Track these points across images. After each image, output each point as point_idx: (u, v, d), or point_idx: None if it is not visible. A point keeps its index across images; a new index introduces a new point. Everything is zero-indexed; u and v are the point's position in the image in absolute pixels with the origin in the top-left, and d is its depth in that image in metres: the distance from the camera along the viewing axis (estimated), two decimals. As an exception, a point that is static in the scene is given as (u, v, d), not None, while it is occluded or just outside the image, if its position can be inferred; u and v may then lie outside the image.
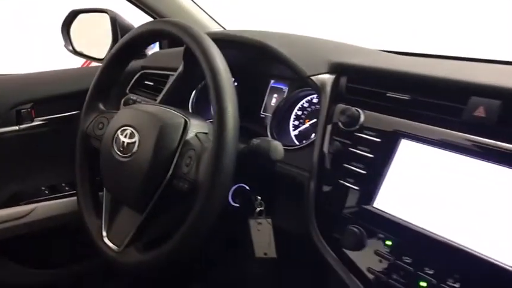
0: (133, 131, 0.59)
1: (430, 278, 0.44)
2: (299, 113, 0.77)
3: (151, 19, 0.95)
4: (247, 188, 0.68)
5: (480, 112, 0.47)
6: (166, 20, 0.63)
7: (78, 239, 0.71)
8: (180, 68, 0.84)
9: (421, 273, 0.45)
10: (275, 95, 0.82)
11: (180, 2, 0.98)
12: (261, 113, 0.83)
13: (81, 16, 1.16)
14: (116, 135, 0.61)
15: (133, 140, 0.58)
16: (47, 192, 0.91)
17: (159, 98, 0.84)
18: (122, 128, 0.60)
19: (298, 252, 0.64)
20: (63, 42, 1.08)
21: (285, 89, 0.80)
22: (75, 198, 0.68)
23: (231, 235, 0.86)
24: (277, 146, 0.55)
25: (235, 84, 0.88)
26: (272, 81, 0.83)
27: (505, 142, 0.45)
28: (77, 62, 1.31)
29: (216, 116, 0.50)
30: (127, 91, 0.98)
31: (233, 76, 0.89)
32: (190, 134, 0.57)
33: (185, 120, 0.58)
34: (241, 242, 0.71)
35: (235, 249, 0.83)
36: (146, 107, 0.63)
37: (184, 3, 0.99)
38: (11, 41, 2.29)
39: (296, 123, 0.77)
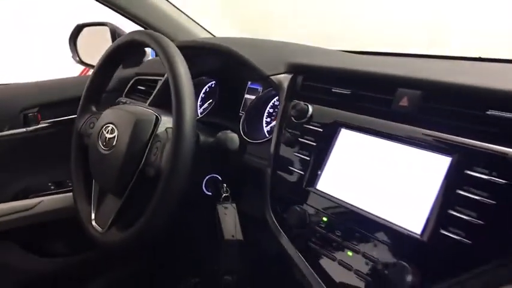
0: (114, 127, 0.67)
1: (356, 248, 0.51)
2: (271, 110, 0.84)
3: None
4: (219, 178, 0.76)
5: (404, 102, 0.54)
6: (141, 31, 0.72)
7: (80, 231, 0.80)
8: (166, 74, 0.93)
9: (349, 244, 0.51)
10: (252, 96, 0.90)
11: (170, 13, 1.06)
12: (240, 111, 0.91)
13: (85, 29, 1.28)
14: (100, 132, 0.70)
15: (113, 135, 0.67)
16: (52, 187, 1.02)
17: (148, 101, 0.92)
18: (105, 125, 0.69)
19: (261, 234, 0.71)
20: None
21: (260, 89, 0.88)
22: None
23: (206, 220, 0.93)
24: (233, 138, 0.62)
25: (215, 85, 0.96)
26: (249, 82, 0.91)
27: (424, 128, 0.51)
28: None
29: (175, 113, 0.57)
30: (123, 96, 1.08)
31: (213, 79, 0.98)
32: (161, 129, 0.65)
33: (157, 116, 0.66)
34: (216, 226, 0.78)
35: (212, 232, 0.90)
36: (126, 107, 0.72)
37: (174, 14, 1.08)
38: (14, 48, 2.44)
39: (268, 120, 0.84)
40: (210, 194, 0.76)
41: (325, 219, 0.55)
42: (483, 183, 0.42)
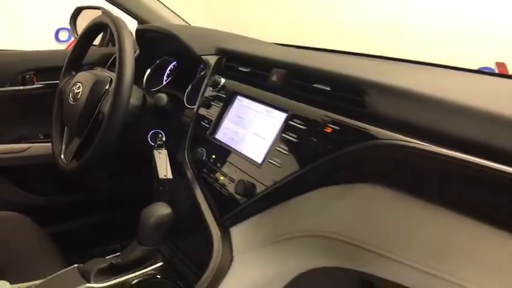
0: (80, 84, 0.90)
1: (226, 174, 0.73)
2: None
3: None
4: (161, 132, 0.98)
5: (275, 78, 0.75)
6: (104, 15, 0.94)
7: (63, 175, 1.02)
8: (137, 51, 1.16)
9: (223, 172, 0.74)
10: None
11: (149, 4, 1.28)
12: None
13: (83, 11, 1.52)
14: (72, 88, 0.93)
15: (79, 91, 0.90)
16: (42, 137, 1.25)
17: (107, 65, 1.14)
18: (75, 83, 0.92)
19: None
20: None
21: (205, 68, 1.09)
22: None
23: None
24: (161, 97, 0.85)
25: (176, 64, 1.18)
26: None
27: (282, 96, 0.72)
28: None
29: (116, 75, 0.80)
30: (106, 68, 1.31)
31: (174, 59, 1.19)
32: (112, 87, 0.88)
33: (111, 78, 0.89)
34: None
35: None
36: (92, 71, 0.95)
37: (153, 5, 1.30)
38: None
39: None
40: (153, 144, 0.98)
41: (214, 156, 0.77)
42: (296, 129, 0.64)
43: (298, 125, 0.64)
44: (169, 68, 1.23)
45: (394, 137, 0.52)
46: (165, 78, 1.22)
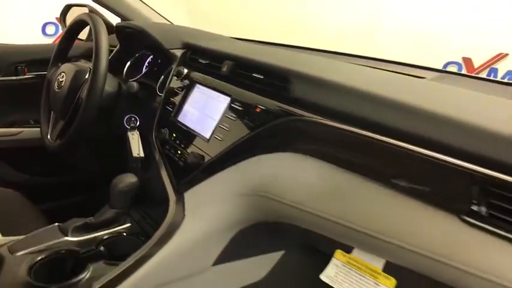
0: (64, 74, 1.04)
1: (183, 149, 0.87)
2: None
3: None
4: (136, 116, 1.12)
5: (225, 68, 0.89)
6: (85, 13, 1.08)
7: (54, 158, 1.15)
8: (118, 46, 1.29)
9: (180, 147, 0.88)
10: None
11: (132, 3, 1.42)
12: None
13: (72, 8, 1.65)
14: (57, 77, 1.06)
15: (63, 79, 1.04)
16: (32, 123, 1.39)
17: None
18: (60, 73, 1.06)
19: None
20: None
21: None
22: None
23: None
24: (132, 85, 0.99)
25: (152, 58, 1.31)
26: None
27: (229, 83, 0.86)
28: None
29: (93, 67, 0.93)
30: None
31: (150, 53, 1.32)
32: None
33: (90, 69, 1.02)
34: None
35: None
36: (74, 63, 1.08)
37: (135, 4, 1.43)
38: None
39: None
40: (128, 127, 1.12)
41: (174, 135, 0.92)
42: (235, 110, 0.78)
43: (237, 107, 0.78)
44: (147, 60, 1.36)
45: (305, 115, 0.67)
46: (143, 69, 1.36)
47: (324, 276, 0.63)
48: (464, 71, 2.70)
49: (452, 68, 2.70)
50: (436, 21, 2.48)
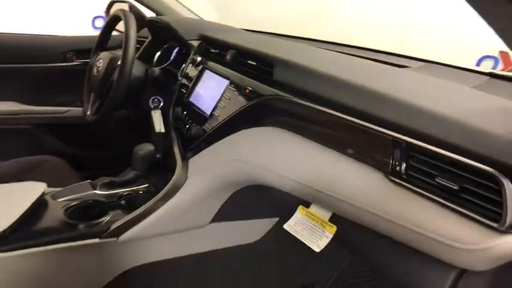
0: (101, 60, 1.24)
1: (189, 124, 1.04)
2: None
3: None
4: (160, 98, 1.30)
5: (228, 56, 1.04)
6: (120, 9, 1.27)
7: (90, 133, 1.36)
8: (149, 37, 1.49)
9: (188, 123, 1.04)
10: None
11: (165, 1, 1.61)
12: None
13: (116, 4, 1.87)
14: (96, 63, 1.27)
15: (100, 65, 1.24)
16: (78, 103, 1.63)
17: (137, 54, 1.49)
18: (98, 59, 1.26)
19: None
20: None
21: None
22: None
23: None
24: (154, 70, 1.17)
25: (178, 49, 1.49)
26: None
27: (230, 69, 1.01)
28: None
29: (122, 55, 1.12)
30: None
31: (177, 45, 1.50)
32: (122, 62, 1.21)
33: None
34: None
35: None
36: (111, 51, 1.28)
37: (168, 1, 1.62)
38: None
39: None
40: (152, 107, 1.31)
41: (185, 112, 1.09)
42: (230, 91, 0.93)
43: (232, 88, 0.94)
44: (174, 51, 1.55)
45: (282, 95, 0.81)
46: (170, 58, 1.55)
47: (286, 225, 0.77)
48: (500, 66, 2.64)
49: (489, 63, 2.65)
50: (472, 14, 2.46)
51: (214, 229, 1.04)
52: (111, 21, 1.33)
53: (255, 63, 0.93)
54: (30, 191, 0.92)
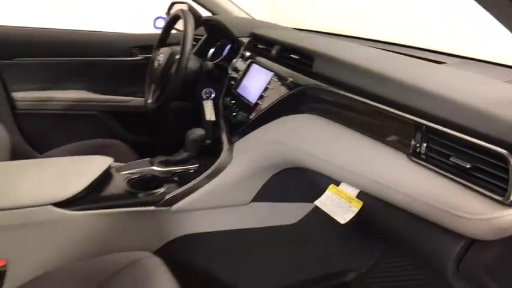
0: (162, 55, 1.39)
1: (236, 111, 1.15)
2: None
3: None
4: (212, 89, 1.43)
5: (274, 51, 1.14)
6: (180, 9, 1.41)
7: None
8: (205, 35, 1.63)
9: (235, 110, 1.16)
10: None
11: (220, 2, 1.74)
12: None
13: (175, 5, 2.04)
14: (157, 57, 1.42)
15: (160, 59, 1.39)
16: (141, 94, 1.80)
17: (194, 50, 1.63)
18: (159, 54, 1.42)
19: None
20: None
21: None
22: None
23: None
24: (207, 64, 1.29)
25: (230, 45, 1.61)
26: (247, 44, 1.55)
27: (275, 62, 1.11)
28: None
29: (180, 51, 1.25)
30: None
31: (229, 42, 1.63)
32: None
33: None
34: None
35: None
36: (171, 47, 1.43)
37: (222, 2, 1.75)
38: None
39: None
40: (204, 97, 1.44)
41: (233, 101, 1.20)
42: (273, 82, 1.03)
43: (275, 80, 1.04)
44: (227, 47, 1.68)
45: (319, 85, 0.89)
46: (223, 54, 1.68)
47: (317, 202, 0.85)
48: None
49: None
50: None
51: (254, 208, 1.14)
52: (172, 20, 1.48)
53: (297, 57, 1.02)
54: (99, 163, 1.07)
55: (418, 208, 0.65)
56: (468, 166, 0.59)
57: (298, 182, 1.11)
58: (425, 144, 0.67)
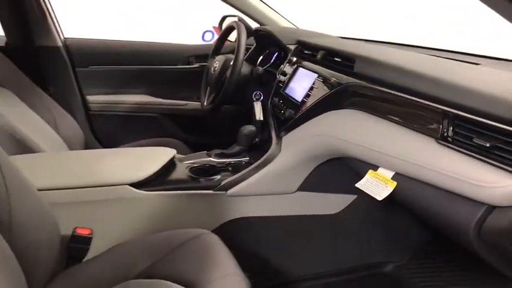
0: (217, 62, 1.57)
1: (284, 109, 1.29)
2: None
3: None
4: (261, 92, 1.58)
5: (319, 56, 1.27)
6: (234, 21, 1.58)
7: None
8: (255, 44, 1.79)
9: (283, 108, 1.30)
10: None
11: (263, 10, 1.90)
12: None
13: (227, 18, 2.23)
14: (213, 64, 1.60)
15: (216, 65, 1.57)
16: (195, 98, 1.99)
17: (245, 57, 1.80)
18: (215, 61, 1.59)
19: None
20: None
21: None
22: None
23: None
24: (258, 69, 1.45)
25: (278, 52, 1.76)
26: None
27: (321, 66, 1.24)
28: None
29: (234, 58, 1.42)
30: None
31: (277, 49, 1.78)
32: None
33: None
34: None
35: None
36: (225, 55, 1.60)
37: (269, 12, 1.91)
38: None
39: (294, 70, 1.62)
40: (254, 99, 1.59)
41: (281, 101, 1.34)
42: (318, 82, 1.16)
43: (319, 80, 1.17)
44: (275, 55, 1.83)
45: (359, 83, 1.02)
46: (271, 61, 1.83)
47: (357, 184, 0.96)
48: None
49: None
50: None
51: (299, 197, 1.26)
52: (226, 31, 1.66)
53: (340, 60, 1.15)
54: (166, 153, 1.25)
55: (445, 182, 0.75)
56: (488, 145, 0.69)
57: (340, 174, 1.22)
58: (451, 129, 0.78)
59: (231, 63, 1.54)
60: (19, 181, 0.79)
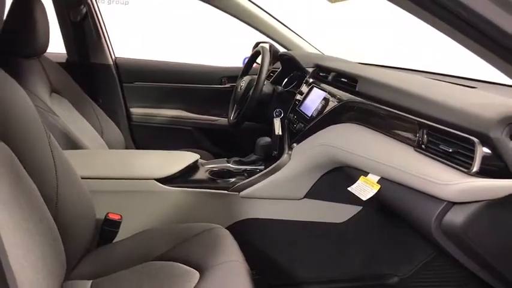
0: (244, 82, 1.76)
1: (296, 123, 1.43)
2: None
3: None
4: (281, 110, 1.73)
5: (330, 77, 1.42)
6: (261, 46, 1.77)
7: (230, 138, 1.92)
8: (281, 67, 1.97)
9: (296, 122, 1.44)
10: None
11: (290, 36, 2.09)
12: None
13: (260, 44, 2.44)
14: (240, 84, 1.79)
15: (242, 84, 1.75)
16: (224, 115, 2.18)
17: (271, 80, 1.98)
18: (242, 81, 1.78)
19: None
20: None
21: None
22: None
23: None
24: (278, 88, 1.62)
25: (300, 75, 1.91)
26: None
27: (331, 87, 1.39)
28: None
29: (257, 79, 1.60)
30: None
31: (299, 73, 1.94)
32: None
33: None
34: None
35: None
36: (251, 76, 1.78)
37: (295, 39, 2.10)
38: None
39: (313, 91, 1.78)
40: (274, 116, 1.75)
41: (295, 116, 1.49)
42: (325, 99, 1.31)
43: (326, 97, 1.31)
44: (298, 76, 2.00)
45: (359, 100, 1.15)
46: (294, 82, 2.00)
47: (349, 188, 1.08)
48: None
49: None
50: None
51: (306, 204, 1.38)
52: (254, 55, 1.85)
53: (346, 80, 1.30)
54: (190, 157, 1.43)
55: (415, 183, 0.86)
56: (450, 150, 0.80)
57: (345, 184, 1.33)
58: (425, 138, 0.89)
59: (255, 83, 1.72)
60: (67, 169, 0.99)
